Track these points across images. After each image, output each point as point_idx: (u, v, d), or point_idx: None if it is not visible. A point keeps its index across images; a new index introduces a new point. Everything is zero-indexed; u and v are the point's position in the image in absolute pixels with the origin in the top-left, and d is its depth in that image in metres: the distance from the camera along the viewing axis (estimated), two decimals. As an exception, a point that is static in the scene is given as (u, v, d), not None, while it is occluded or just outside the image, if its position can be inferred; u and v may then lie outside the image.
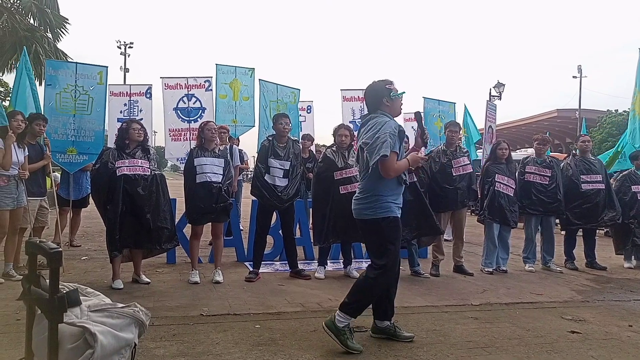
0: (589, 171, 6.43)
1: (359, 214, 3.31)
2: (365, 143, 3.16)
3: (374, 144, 3.09)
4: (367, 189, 3.26)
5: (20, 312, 3.61)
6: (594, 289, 5.35)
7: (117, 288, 4.59)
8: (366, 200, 3.25)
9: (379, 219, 3.21)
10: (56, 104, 6.28)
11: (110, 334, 2.14)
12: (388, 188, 3.22)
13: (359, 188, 3.37)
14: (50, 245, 2.00)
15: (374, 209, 3.21)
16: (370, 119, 3.26)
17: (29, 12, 11.76)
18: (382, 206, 3.20)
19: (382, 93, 3.26)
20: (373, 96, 3.31)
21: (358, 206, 3.31)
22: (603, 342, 3.53)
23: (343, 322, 3.17)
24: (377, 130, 3.12)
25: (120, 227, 4.59)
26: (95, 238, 7.64)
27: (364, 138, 3.21)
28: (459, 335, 3.58)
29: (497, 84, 23.89)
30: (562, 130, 34.60)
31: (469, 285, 5.28)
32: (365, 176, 3.27)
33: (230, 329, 3.53)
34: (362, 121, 3.37)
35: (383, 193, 3.21)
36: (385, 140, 3.06)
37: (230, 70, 7.22)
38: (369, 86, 3.36)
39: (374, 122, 3.20)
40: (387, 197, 3.22)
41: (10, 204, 4.77)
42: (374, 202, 3.21)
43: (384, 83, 3.29)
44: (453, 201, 5.74)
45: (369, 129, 3.19)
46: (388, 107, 3.27)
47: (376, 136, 3.10)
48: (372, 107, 3.32)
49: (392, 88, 3.27)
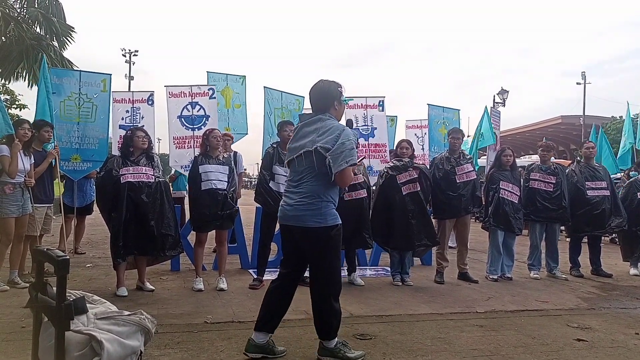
0: (593, 178, 6.41)
1: (302, 221, 2.99)
2: (325, 148, 2.89)
3: (339, 150, 2.87)
4: (314, 193, 2.96)
5: (26, 320, 3.62)
6: (599, 296, 5.32)
7: (121, 295, 4.59)
8: (314, 206, 2.96)
9: (329, 227, 2.98)
10: (60, 112, 6.32)
11: (117, 341, 2.15)
12: (334, 194, 3.04)
13: (298, 193, 3.02)
14: (57, 253, 2.01)
15: (324, 216, 2.97)
16: (321, 120, 3.03)
17: (35, 21, 11.86)
18: (331, 213, 3.01)
19: (335, 95, 3.07)
20: (324, 96, 3.08)
21: (301, 212, 2.98)
22: (609, 350, 3.51)
23: (332, 344, 3.07)
24: (337, 136, 2.91)
25: (124, 234, 4.60)
26: (100, 245, 7.65)
27: (320, 142, 2.92)
28: (464, 343, 3.56)
29: (500, 90, 23.90)
30: (567, 136, 34.51)
31: (473, 292, 5.27)
32: (309, 180, 2.98)
33: (234, 337, 3.52)
34: (307, 120, 3.11)
35: (330, 199, 3.01)
36: (352, 147, 2.90)
37: (222, 77, 7.28)
38: (319, 85, 3.12)
39: (329, 126, 2.97)
40: (333, 203, 3.03)
41: (15, 211, 4.79)
42: (324, 209, 2.97)
43: (336, 85, 3.10)
44: (457, 208, 5.73)
45: (325, 132, 2.94)
46: (336, 111, 3.10)
47: (340, 142, 2.88)
48: (320, 108, 3.08)
49: (343, 92, 3.11)
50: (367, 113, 7.64)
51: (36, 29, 11.92)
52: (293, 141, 3.11)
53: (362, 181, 5.41)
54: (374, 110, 7.63)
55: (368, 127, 7.62)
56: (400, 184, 5.48)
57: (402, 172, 5.52)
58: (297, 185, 3.03)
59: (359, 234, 5.42)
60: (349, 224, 5.34)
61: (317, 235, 2.98)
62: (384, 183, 5.62)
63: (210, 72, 7.21)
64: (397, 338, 3.62)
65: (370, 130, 7.62)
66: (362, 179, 5.42)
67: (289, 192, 3.08)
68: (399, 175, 5.51)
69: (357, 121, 7.65)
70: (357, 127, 7.56)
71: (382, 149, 7.66)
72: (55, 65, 10.36)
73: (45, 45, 11.37)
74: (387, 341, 3.55)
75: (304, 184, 2.99)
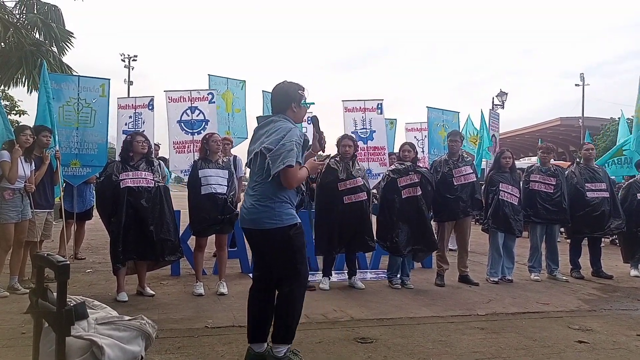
0: (593, 179, 6.41)
1: (259, 224, 2.93)
2: (268, 149, 2.85)
3: (279, 151, 2.81)
4: (267, 195, 2.91)
5: (26, 326, 3.61)
6: (600, 298, 5.32)
7: (121, 301, 4.58)
8: (268, 207, 2.90)
9: (287, 227, 2.92)
10: (59, 117, 6.32)
11: (118, 346, 2.15)
12: (289, 195, 2.97)
13: (253, 195, 2.97)
14: (58, 258, 2.00)
15: (279, 217, 2.90)
16: (273, 121, 2.99)
17: (34, 26, 11.87)
18: (287, 212, 2.93)
19: (294, 97, 3.03)
20: (283, 98, 3.04)
21: (257, 215, 2.92)
22: (611, 352, 3.50)
23: (282, 351, 2.96)
24: (282, 136, 2.85)
25: (124, 239, 4.60)
26: (100, 251, 7.64)
27: (265, 142, 2.89)
28: (465, 345, 3.56)
29: (499, 92, 23.96)
30: (566, 138, 34.57)
31: (474, 295, 5.26)
32: (262, 182, 2.93)
33: (235, 341, 3.51)
34: (261, 122, 3.07)
35: (286, 199, 2.94)
36: (291, 148, 2.81)
37: (222, 81, 7.30)
38: (280, 85, 3.08)
39: (278, 127, 2.92)
40: (288, 203, 2.96)
41: (15, 217, 4.79)
42: (279, 209, 2.90)
43: (297, 87, 3.06)
44: (455, 210, 5.73)
45: (272, 133, 2.90)
46: (294, 114, 3.04)
47: (281, 143, 2.83)
48: (277, 109, 3.05)
49: (304, 95, 3.06)
50: (365, 116, 7.65)
51: (35, 34, 11.93)
52: (250, 144, 3.09)
53: (362, 184, 5.41)
54: (372, 113, 7.64)
55: (367, 130, 7.62)
56: (400, 187, 5.48)
57: (403, 176, 5.53)
58: (252, 188, 2.99)
59: (360, 237, 5.42)
60: (349, 227, 5.36)
61: (275, 236, 2.93)
62: (385, 186, 5.62)
63: (212, 76, 7.22)
64: (398, 341, 3.62)
65: (369, 133, 7.63)
66: (362, 182, 5.42)
67: (247, 195, 3.03)
68: (399, 179, 5.51)
69: (355, 124, 7.66)
70: (356, 131, 7.56)
71: (381, 152, 7.66)
72: (55, 71, 10.37)
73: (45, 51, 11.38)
74: (388, 345, 3.54)
75: (258, 185, 2.96)
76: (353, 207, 5.32)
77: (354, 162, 5.53)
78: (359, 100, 7.76)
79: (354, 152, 5.54)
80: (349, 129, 7.57)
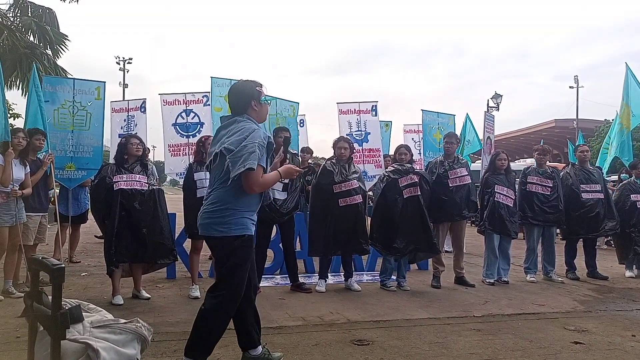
0: (588, 180, 6.44)
1: (208, 230, 2.79)
2: (228, 150, 2.68)
3: (239, 153, 2.64)
4: (221, 200, 2.75)
5: (20, 330, 3.59)
6: (596, 299, 5.34)
7: (117, 304, 4.56)
8: (219, 214, 2.74)
9: (232, 237, 2.75)
10: (54, 120, 6.30)
11: (113, 350, 2.14)
12: (247, 202, 2.79)
13: (209, 198, 2.83)
14: (53, 261, 2.00)
15: (228, 225, 2.74)
16: (235, 122, 2.82)
17: (28, 29, 11.85)
18: (237, 222, 2.75)
19: (252, 95, 2.86)
20: (241, 97, 2.87)
21: (207, 220, 2.78)
22: (607, 353, 3.51)
23: (258, 349, 2.94)
24: (244, 137, 2.69)
25: (117, 242, 4.58)
26: (95, 254, 7.61)
27: (226, 143, 2.72)
28: (462, 347, 3.56)
29: (494, 95, 24.07)
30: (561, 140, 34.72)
31: (470, 296, 5.27)
32: (220, 186, 2.77)
33: (231, 344, 3.49)
34: (223, 123, 2.90)
35: (240, 207, 2.77)
36: (253, 151, 2.65)
37: (226, 83, 7.28)
38: (236, 86, 2.94)
39: (240, 127, 2.76)
40: (245, 212, 2.79)
41: (8, 220, 4.76)
42: (229, 217, 2.74)
43: (254, 84, 2.90)
44: (449, 212, 5.74)
45: (233, 134, 2.74)
46: (255, 112, 2.87)
47: (243, 144, 2.67)
48: (237, 109, 2.88)
49: (262, 91, 2.90)
50: (360, 118, 7.67)
51: (30, 37, 11.90)
52: (211, 145, 2.93)
53: (357, 187, 5.40)
54: (367, 115, 7.66)
55: (362, 133, 7.64)
56: (401, 187, 5.49)
57: (403, 176, 5.54)
58: (209, 192, 2.86)
59: (355, 239, 5.41)
60: (345, 229, 5.36)
61: (220, 245, 2.79)
62: (386, 187, 5.62)
63: (215, 78, 7.20)
64: (395, 343, 3.62)
65: (364, 135, 7.65)
66: (357, 185, 5.41)
67: (204, 199, 2.89)
68: (400, 179, 5.53)
69: (350, 126, 7.68)
70: (351, 133, 7.58)
71: (377, 154, 7.68)
72: (49, 74, 10.34)
73: (39, 54, 11.37)
74: (385, 347, 3.54)
75: (215, 190, 2.80)
76: (348, 210, 5.32)
77: (350, 165, 5.54)
78: (354, 102, 7.79)
79: (349, 154, 5.54)
80: (344, 131, 7.60)
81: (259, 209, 5.27)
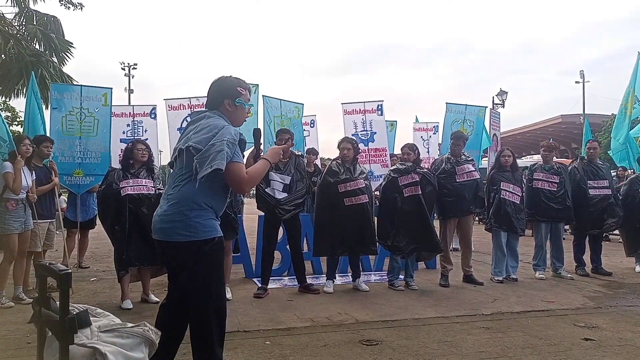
0: (596, 176, 6.41)
1: (169, 235, 2.43)
2: (196, 149, 2.38)
3: (207, 152, 2.35)
4: (185, 200, 2.41)
5: (31, 335, 3.61)
6: (606, 294, 5.30)
7: (126, 308, 4.59)
8: (179, 216, 2.39)
9: (201, 242, 2.40)
10: (62, 127, 6.35)
11: (121, 354, 2.14)
12: (214, 200, 2.47)
13: (167, 200, 2.48)
14: (59, 267, 2.00)
15: (194, 228, 2.39)
16: (206, 117, 2.54)
17: (34, 37, 11.94)
18: (204, 224, 2.42)
19: (229, 93, 2.57)
20: (216, 91, 2.60)
21: (168, 225, 2.42)
22: (618, 349, 3.48)
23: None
24: (212, 136, 2.40)
25: (127, 247, 4.62)
26: (104, 259, 7.66)
27: (192, 140, 2.42)
28: (471, 346, 3.55)
29: (499, 91, 23.99)
30: (567, 135, 34.50)
31: (479, 294, 5.24)
32: (183, 185, 2.43)
33: (240, 346, 3.51)
34: (193, 118, 2.65)
35: (206, 206, 2.43)
36: (221, 149, 2.34)
37: None
38: (219, 79, 2.66)
39: (209, 123, 2.47)
40: (210, 211, 2.46)
41: (18, 227, 4.80)
42: (195, 219, 2.39)
43: (236, 83, 2.62)
44: (457, 208, 5.72)
45: (202, 130, 2.45)
46: (228, 112, 2.58)
47: (211, 143, 2.37)
48: (212, 104, 2.61)
49: (243, 94, 2.61)
50: (365, 118, 7.63)
51: (35, 45, 11.99)
52: (178, 141, 2.61)
53: (364, 186, 5.39)
54: (372, 115, 7.62)
55: (367, 132, 7.60)
56: (402, 186, 5.48)
57: (404, 175, 5.52)
58: (168, 192, 2.51)
59: (363, 240, 5.40)
60: (352, 229, 5.35)
61: (184, 250, 2.42)
62: (386, 185, 5.63)
63: None
64: (404, 343, 3.61)
65: (369, 135, 7.60)
66: (364, 184, 5.40)
67: (163, 200, 2.55)
68: (400, 177, 5.51)
69: (356, 127, 7.64)
70: (357, 133, 7.55)
71: (383, 154, 7.63)
72: (55, 81, 10.41)
73: (45, 62, 11.44)
74: (394, 346, 3.54)
75: (175, 188, 2.46)
76: (354, 210, 5.31)
77: (356, 165, 5.53)
78: (359, 102, 7.74)
79: (354, 155, 5.53)
80: (349, 131, 7.56)
81: (264, 204, 5.30)
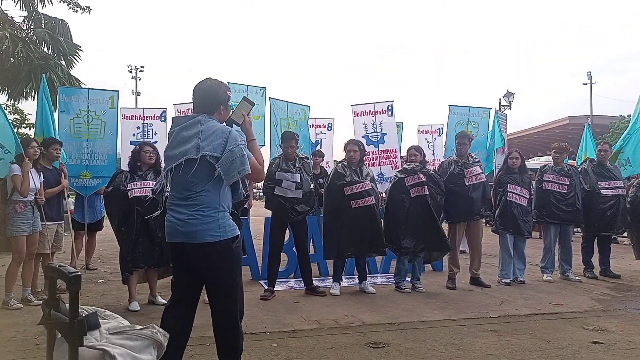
0: (606, 178, 6.36)
1: (201, 237, 2.57)
2: (214, 157, 2.53)
3: (229, 159, 2.53)
4: (208, 205, 2.58)
5: (40, 337, 3.64)
6: (614, 297, 5.26)
7: (133, 310, 4.61)
8: (209, 219, 2.57)
9: (230, 240, 2.61)
10: (70, 129, 6.41)
11: (130, 355, 2.15)
12: (229, 201, 2.69)
13: (188, 206, 2.60)
14: (69, 269, 2.02)
15: (223, 228, 2.58)
16: (201, 122, 2.62)
17: (42, 41, 12.03)
18: (230, 224, 2.63)
19: (223, 99, 2.73)
20: (212, 96, 2.70)
21: (198, 227, 2.56)
22: (627, 352, 3.46)
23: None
24: (223, 141, 2.55)
25: (134, 248, 4.64)
26: (111, 261, 7.68)
27: (206, 149, 2.54)
28: (478, 348, 3.53)
29: (506, 93, 23.88)
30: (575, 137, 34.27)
31: (486, 297, 5.22)
32: (201, 190, 2.58)
33: (247, 349, 3.50)
34: (184, 122, 2.67)
35: (226, 207, 2.65)
36: (242, 154, 2.55)
37: (242, 88, 7.28)
38: (207, 84, 2.74)
39: (212, 129, 2.59)
40: (228, 211, 2.66)
41: (27, 229, 4.84)
42: (222, 220, 2.59)
43: (225, 87, 2.77)
44: (466, 211, 5.69)
45: (211, 137, 2.56)
46: (220, 116, 2.72)
47: (229, 150, 2.53)
48: (204, 108, 2.69)
49: (230, 97, 2.80)
50: (375, 119, 7.54)
51: (44, 49, 12.08)
52: (170, 148, 2.70)
53: (370, 188, 5.38)
54: (382, 116, 7.54)
55: (377, 134, 7.53)
56: (409, 186, 5.47)
57: (410, 175, 5.51)
58: (186, 198, 2.61)
59: (370, 241, 5.40)
60: (359, 231, 5.34)
61: (216, 250, 2.60)
62: (392, 186, 5.62)
63: (231, 83, 7.24)
64: (411, 345, 3.60)
65: (380, 136, 7.53)
66: (369, 186, 5.40)
67: (176, 206, 2.64)
68: (407, 178, 5.50)
69: (366, 128, 7.58)
70: (367, 134, 7.50)
71: (393, 155, 7.54)
72: (64, 84, 10.49)
73: (53, 65, 11.51)
74: (401, 349, 3.53)
75: (196, 195, 2.58)
76: (361, 212, 5.30)
77: (362, 167, 5.53)
78: (369, 103, 7.66)
79: (360, 157, 5.52)
80: (359, 133, 7.49)
81: (276, 205, 5.31)
